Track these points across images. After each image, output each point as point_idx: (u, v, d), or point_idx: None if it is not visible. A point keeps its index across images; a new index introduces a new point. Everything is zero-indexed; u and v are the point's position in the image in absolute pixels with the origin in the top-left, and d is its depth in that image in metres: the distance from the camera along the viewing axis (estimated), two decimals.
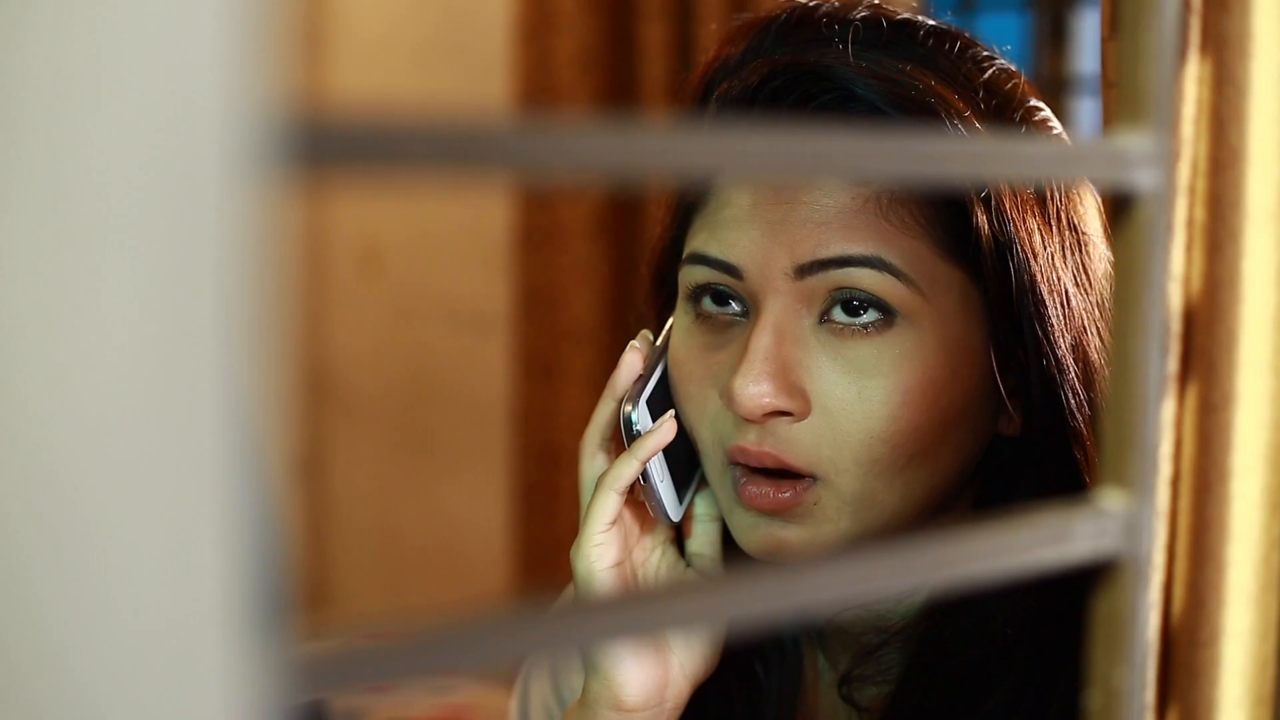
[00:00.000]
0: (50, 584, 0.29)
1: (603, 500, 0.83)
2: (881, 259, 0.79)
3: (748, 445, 0.80)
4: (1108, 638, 0.51)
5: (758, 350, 0.79)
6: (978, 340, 0.81)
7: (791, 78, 0.81)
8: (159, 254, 0.29)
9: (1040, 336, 0.80)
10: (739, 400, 0.79)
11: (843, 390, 0.79)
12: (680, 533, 0.89)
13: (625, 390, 0.85)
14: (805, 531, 0.81)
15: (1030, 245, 0.80)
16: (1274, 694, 0.55)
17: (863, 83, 0.80)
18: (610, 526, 0.83)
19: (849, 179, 0.80)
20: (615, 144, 0.38)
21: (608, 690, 0.82)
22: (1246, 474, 0.53)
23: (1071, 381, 0.81)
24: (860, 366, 0.79)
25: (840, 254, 0.79)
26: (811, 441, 0.80)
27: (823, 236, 0.79)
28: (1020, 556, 0.48)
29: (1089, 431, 0.81)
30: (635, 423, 0.83)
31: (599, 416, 0.86)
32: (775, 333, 0.80)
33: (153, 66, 0.29)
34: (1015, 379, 0.83)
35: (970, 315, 0.81)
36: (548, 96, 2.55)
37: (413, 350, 3.11)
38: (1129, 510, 0.50)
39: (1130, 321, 0.50)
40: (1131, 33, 0.49)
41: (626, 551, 0.85)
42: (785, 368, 0.79)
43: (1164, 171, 0.49)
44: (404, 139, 0.33)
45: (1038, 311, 0.80)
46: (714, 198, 0.84)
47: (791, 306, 0.80)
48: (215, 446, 0.30)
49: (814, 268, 0.79)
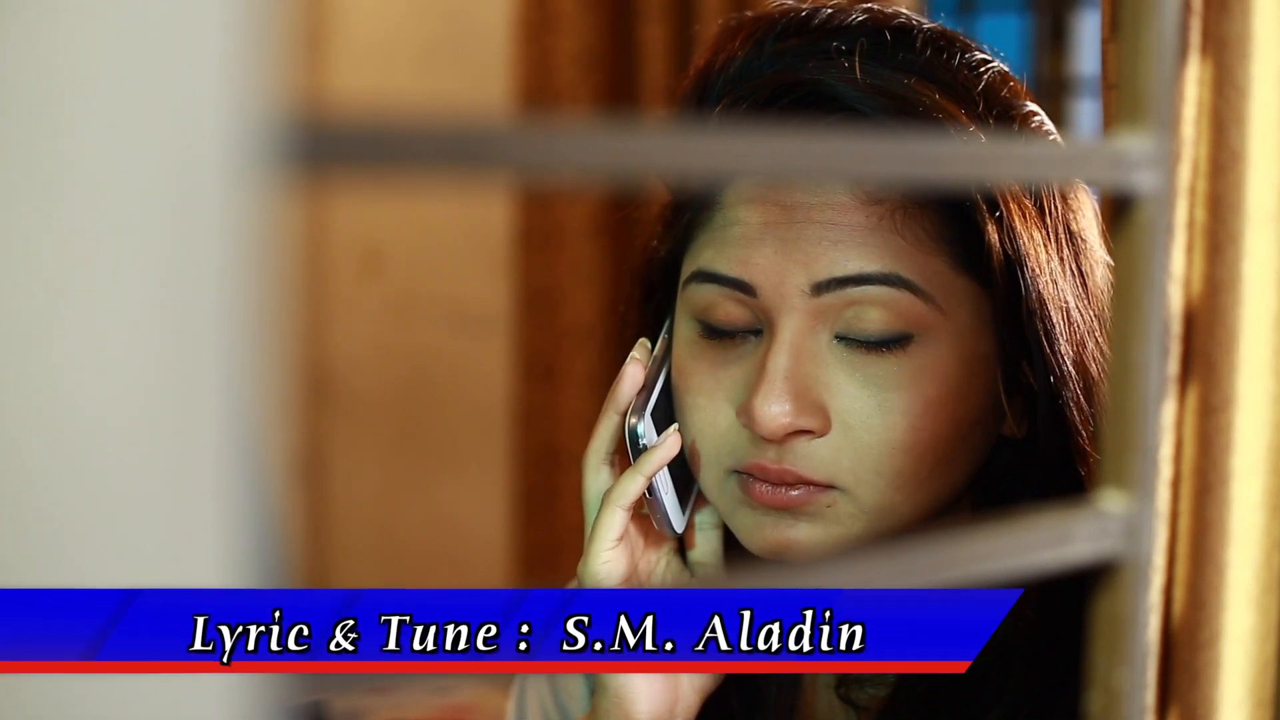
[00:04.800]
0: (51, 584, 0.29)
1: (609, 516, 0.83)
2: (898, 275, 0.78)
3: (767, 464, 0.80)
4: (1108, 639, 0.51)
5: (776, 370, 0.79)
6: (990, 349, 0.81)
7: (798, 98, 0.81)
8: (160, 254, 0.29)
9: (1046, 351, 0.80)
10: (760, 421, 0.78)
11: (863, 405, 0.79)
12: (683, 543, 0.89)
13: (628, 403, 0.85)
14: (816, 530, 0.81)
15: (1037, 260, 0.80)
16: (1274, 696, 0.55)
17: (870, 101, 0.79)
18: (618, 543, 0.83)
19: (864, 196, 0.79)
20: (615, 144, 0.38)
21: (617, 707, 0.82)
22: (1247, 476, 0.53)
23: (1075, 395, 0.81)
24: (879, 381, 0.79)
25: (857, 272, 0.79)
26: (831, 456, 0.79)
27: (838, 254, 0.79)
28: (1021, 558, 0.48)
29: (1092, 446, 0.81)
30: (641, 436, 0.83)
31: (602, 430, 0.86)
32: (793, 351, 0.79)
33: (154, 68, 0.29)
34: (1020, 387, 0.83)
35: (983, 325, 0.81)
36: (548, 97, 2.55)
37: (413, 351, 3.11)
38: (1129, 512, 0.50)
39: (1131, 323, 0.50)
40: (1132, 34, 0.49)
41: (633, 565, 0.85)
42: (804, 386, 0.79)
43: (1164, 173, 0.49)
44: (404, 139, 0.33)
45: (1044, 326, 0.80)
46: (719, 214, 0.83)
47: (807, 324, 0.80)
48: (216, 446, 0.30)
49: (831, 285, 0.79)
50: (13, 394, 0.29)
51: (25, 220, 0.28)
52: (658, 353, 0.87)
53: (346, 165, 0.33)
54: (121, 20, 0.28)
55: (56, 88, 0.28)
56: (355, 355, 3.20)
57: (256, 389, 0.31)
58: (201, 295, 0.30)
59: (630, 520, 0.84)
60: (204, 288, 0.30)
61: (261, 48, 0.30)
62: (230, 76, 0.29)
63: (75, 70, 0.28)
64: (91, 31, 0.28)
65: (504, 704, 1.05)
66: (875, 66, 0.81)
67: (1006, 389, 0.82)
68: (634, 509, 0.84)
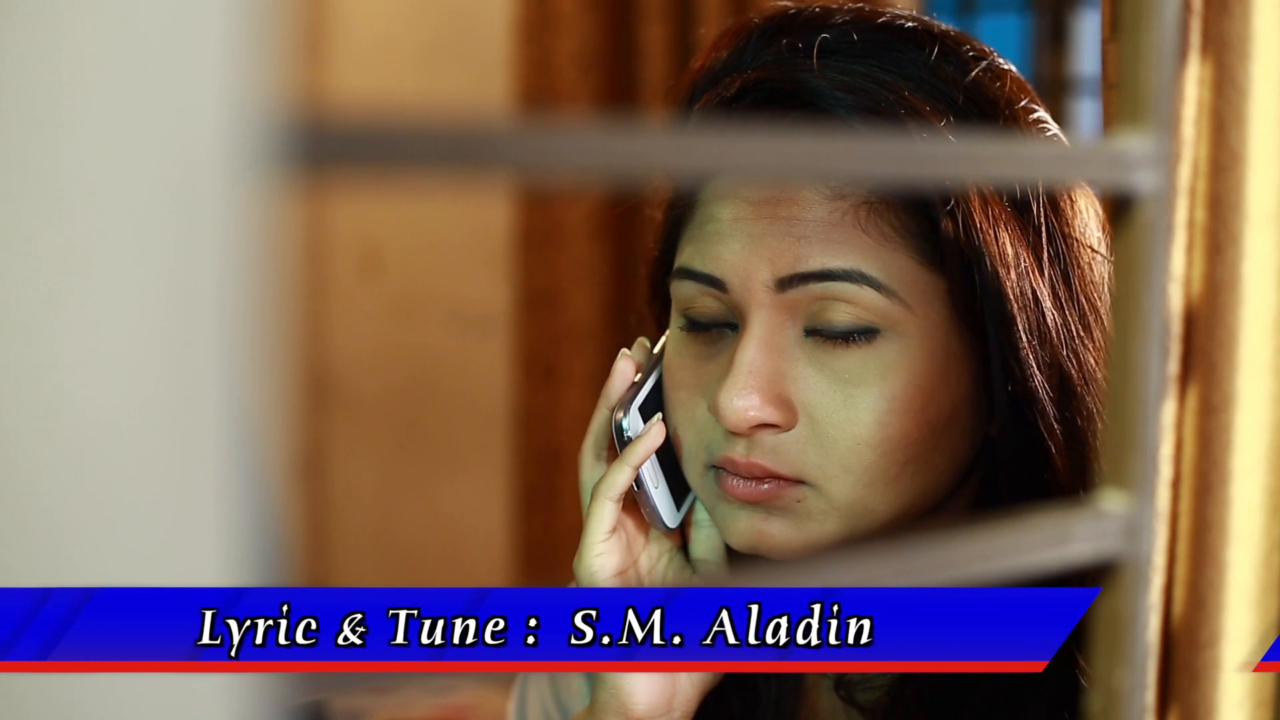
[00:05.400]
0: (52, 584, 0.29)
1: (599, 509, 0.83)
2: (861, 272, 0.79)
3: (736, 457, 0.81)
4: (1108, 639, 0.51)
5: (742, 364, 0.79)
6: (967, 346, 0.81)
7: (764, 93, 0.81)
8: (160, 254, 0.29)
9: (1005, 352, 0.80)
10: (725, 414, 0.79)
11: (829, 400, 0.79)
12: (686, 539, 0.89)
13: (618, 397, 0.85)
14: (788, 526, 0.81)
15: (1000, 258, 0.79)
16: (1274, 696, 0.55)
17: (831, 95, 0.80)
18: (610, 535, 0.83)
19: (828, 191, 0.80)
20: (615, 144, 0.38)
21: (615, 700, 0.82)
22: (1247, 476, 0.53)
23: (1040, 395, 0.80)
24: (846, 376, 0.79)
25: (820, 268, 0.79)
26: (798, 450, 0.80)
27: (802, 250, 0.79)
28: (1021, 558, 0.48)
29: (1059, 447, 0.81)
30: (626, 429, 0.84)
31: (595, 425, 0.87)
32: (760, 345, 0.80)
33: (155, 68, 0.29)
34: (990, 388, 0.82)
35: (954, 323, 0.81)
36: (548, 97, 2.55)
37: (413, 351, 3.11)
38: (1129, 512, 0.50)
39: (1131, 323, 0.50)
40: (1132, 34, 0.49)
41: (630, 559, 0.86)
42: (771, 380, 0.80)
43: (1164, 173, 0.49)
44: (404, 140, 0.33)
45: (1004, 326, 0.79)
46: (699, 211, 0.84)
47: (776, 319, 0.80)
48: (216, 446, 0.30)
49: (794, 281, 0.79)
50: (13, 394, 0.29)
51: (25, 220, 0.28)
52: (656, 350, 0.88)
53: (346, 165, 0.33)
54: (122, 20, 0.28)
55: (57, 87, 0.28)
56: (355, 355, 3.20)
57: (257, 388, 0.31)
58: (202, 295, 0.30)
59: (628, 515, 0.85)
60: (204, 287, 0.30)
61: (261, 48, 0.30)
62: (230, 76, 0.29)
63: (76, 70, 0.28)
64: (92, 31, 0.28)
65: (504, 704, 1.05)
66: (848, 64, 0.81)
67: (983, 388, 0.82)
68: (625, 501, 0.84)
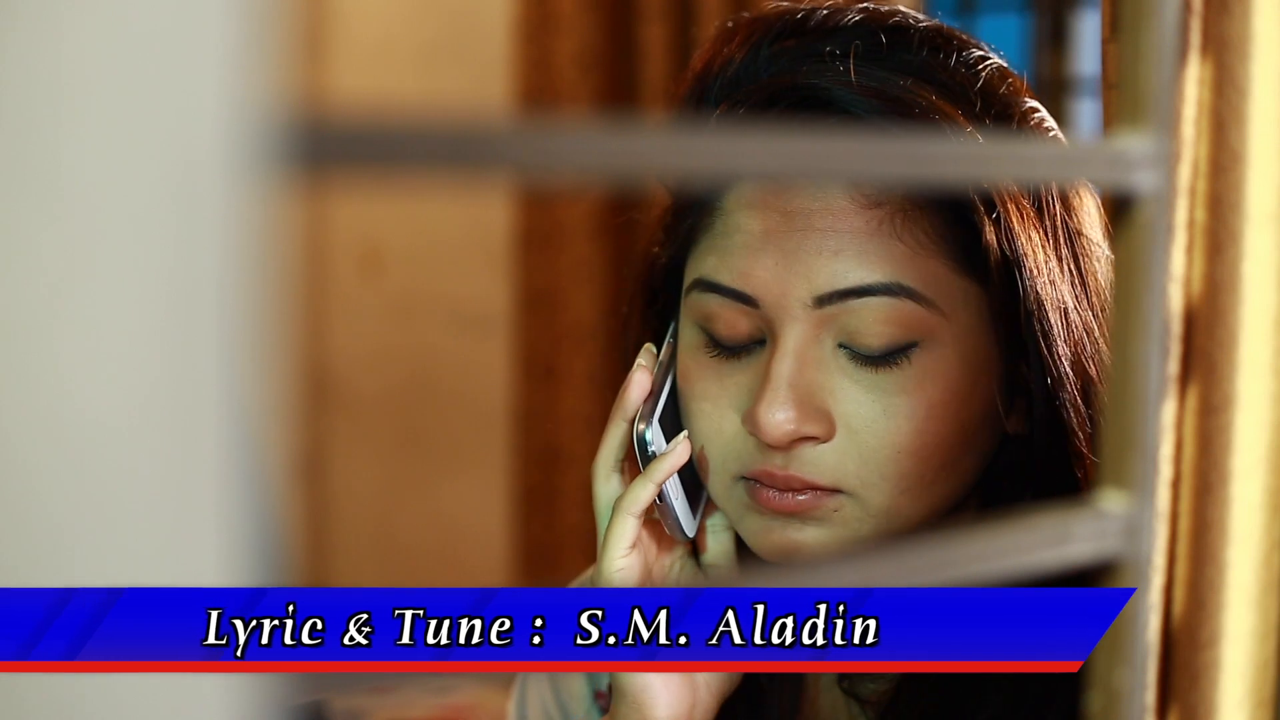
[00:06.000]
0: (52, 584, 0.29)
1: (621, 524, 0.83)
2: (900, 284, 0.78)
3: (774, 470, 0.80)
4: (1108, 639, 0.51)
5: (780, 377, 0.79)
6: (993, 349, 0.81)
7: (794, 102, 0.81)
8: (160, 254, 0.29)
9: (1043, 351, 0.80)
10: (765, 429, 0.78)
11: (867, 409, 0.79)
12: (696, 546, 0.89)
13: (636, 410, 0.85)
14: (823, 534, 0.81)
15: (1035, 261, 0.80)
16: (1274, 696, 0.55)
17: (865, 103, 0.79)
18: (631, 550, 0.83)
19: (863, 199, 0.79)
20: (615, 145, 0.38)
21: (636, 711, 0.82)
22: (1247, 476, 0.53)
23: (1072, 396, 0.81)
24: (883, 385, 0.79)
25: (859, 284, 0.78)
26: (837, 461, 0.80)
27: (839, 265, 0.79)
28: (1022, 557, 0.48)
29: (1089, 447, 0.81)
30: (650, 443, 0.83)
31: (611, 438, 0.86)
32: (796, 359, 0.79)
33: (155, 67, 0.29)
34: (1020, 387, 0.83)
35: (985, 326, 0.81)
36: (548, 97, 2.55)
37: (413, 351, 3.11)
38: (1129, 512, 0.50)
39: (1131, 323, 0.50)
40: (1132, 34, 0.49)
41: (646, 571, 0.86)
42: (808, 392, 0.79)
43: (1164, 173, 0.49)
44: (404, 140, 0.33)
45: (1041, 327, 0.80)
46: (720, 220, 0.83)
47: (810, 332, 0.80)
48: (217, 446, 0.30)
49: (833, 298, 0.79)
50: (13, 394, 0.29)
51: (25, 220, 0.28)
52: (663, 358, 0.87)
53: (346, 165, 0.33)
54: (122, 20, 0.28)
55: (57, 87, 0.28)
56: (355, 355, 3.20)
57: (257, 388, 0.31)
58: (202, 295, 0.30)
59: (643, 527, 0.85)
60: (204, 287, 0.30)
61: (261, 48, 0.30)
62: (230, 76, 0.29)
63: (76, 70, 0.28)
64: (92, 31, 0.28)
65: (504, 704, 1.05)
66: (870, 68, 0.81)
67: (1008, 389, 0.82)
68: (645, 515, 0.84)
